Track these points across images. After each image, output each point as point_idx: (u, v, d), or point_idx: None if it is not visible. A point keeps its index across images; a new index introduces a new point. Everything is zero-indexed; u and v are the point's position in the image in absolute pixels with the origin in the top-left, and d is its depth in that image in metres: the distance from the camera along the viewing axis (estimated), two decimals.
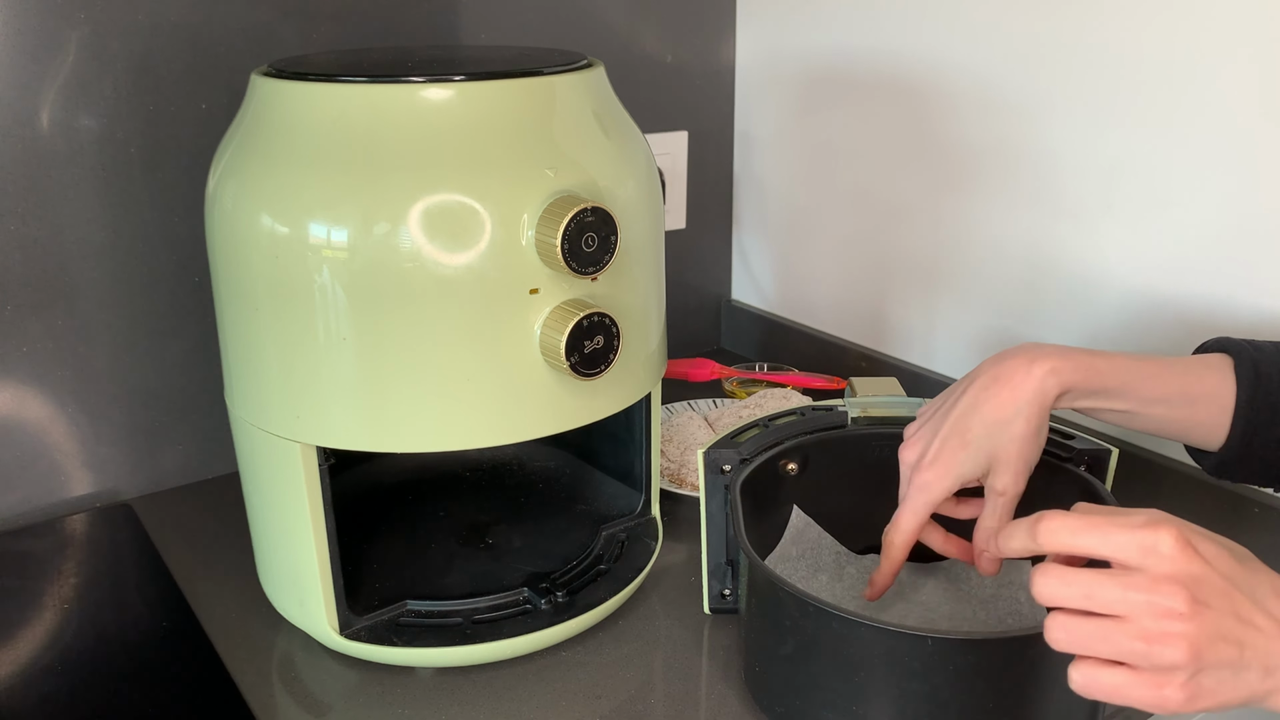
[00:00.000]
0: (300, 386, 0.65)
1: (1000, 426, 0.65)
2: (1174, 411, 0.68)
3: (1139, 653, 0.48)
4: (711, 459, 0.73)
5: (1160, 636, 0.48)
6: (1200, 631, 0.48)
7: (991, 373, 0.67)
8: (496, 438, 0.66)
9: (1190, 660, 0.47)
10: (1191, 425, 0.69)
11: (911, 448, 0.69)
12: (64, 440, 0.90)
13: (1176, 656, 0.47)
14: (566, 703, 0.69)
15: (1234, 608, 0.48)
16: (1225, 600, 0.48)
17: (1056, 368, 0.65)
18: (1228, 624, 0.48)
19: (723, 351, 1.31)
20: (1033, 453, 0.66)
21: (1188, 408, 0.68)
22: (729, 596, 0.76)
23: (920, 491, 0.67)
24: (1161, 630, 0.48)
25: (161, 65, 0.87)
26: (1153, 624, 0.48)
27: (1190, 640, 0.47)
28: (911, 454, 0.69)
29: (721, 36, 1.20)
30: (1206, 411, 0.68)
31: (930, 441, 0.68)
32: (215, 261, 0.69)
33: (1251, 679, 0.49)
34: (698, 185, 1.23)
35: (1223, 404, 0.68)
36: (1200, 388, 0.68)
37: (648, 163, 0.72)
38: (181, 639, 0.76)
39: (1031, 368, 0.65)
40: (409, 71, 0.64)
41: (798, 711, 0.63)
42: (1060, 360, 0.65)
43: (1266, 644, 0.48)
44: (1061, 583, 0.50)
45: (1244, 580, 0.49)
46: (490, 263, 0.62)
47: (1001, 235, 1.00)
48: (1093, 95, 0.90)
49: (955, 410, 0.67)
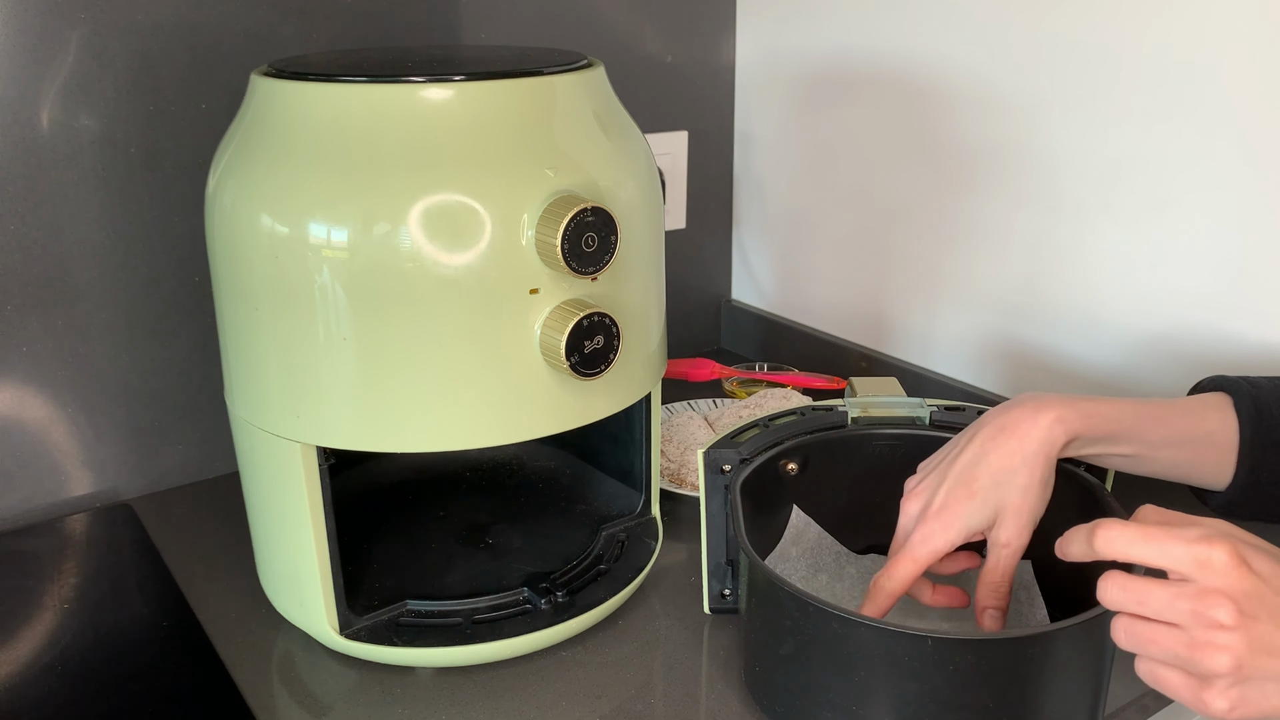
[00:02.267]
0: (300, 386, 0.65)
1: (1007, 476, 0.65)
2: (1180, 453, 0.68)
3: (1184, 659, 0.51)
4: (711, 459, 0.73)
5: (1205, 646, 0.50)
6: (1245, 644, 0.49)
7: (997, 423, 0.66)
8: (496, 438, 0.66)
9: (1232, 670, 0.50)
10: (1197, 466, 0.69)
11: (915, 499, 0.68)
12: (64, 440, 0.90)
13: (1219, 666, 0.50)
14: (566, 703, 0.69)
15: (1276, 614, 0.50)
16: (1275, 615, 0.50)
17: (1062, 416, 0.65)
18: (1275, 638, 0.50)
19: (723, 351, 1.31)
20: (1039, 504, 0.65)
21: (1193, 449, 0.68)
22: (729, 596, 0.76)
23: (923, 543, 0.66)
24: (1207, 640, 0.50)
25: (161, 65, 0.87)
26: (1200, 634, 0.50)
27: (1234, 652, 0.49)
28: (915, 505, 0.68)
29: (721, 36, 1.20)
30: (1211, 451, 0.68)
31: (935, 492, 0.67)
32: (215, 261, 0.69)
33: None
34: (698, 185, 1.23)
35: (1227, 442, 0.68)
36: (1203, 427, 0.68)
37: (648, 163, 0.72)
38: (181, 639, 0.76)
39: (1037, 417, 0.65)
40: (409, 71, 0.64)
41: (798, 711, 0.63)
42: (1065, 409, 0.65)
43: None
44: (1119, 589, 0.53)
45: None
46: (490, 263, 0.62)
47: (1001, 235, 1.00)
48: (1093, 95, 0.90)
49: (960, 461, 0.66)
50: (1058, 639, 0.58)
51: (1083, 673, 0.60)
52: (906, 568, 0.66)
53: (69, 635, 0.76)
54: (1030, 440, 0.65)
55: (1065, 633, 0.57)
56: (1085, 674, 0.60)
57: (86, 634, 0.76)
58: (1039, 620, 0.71)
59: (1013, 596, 0.74)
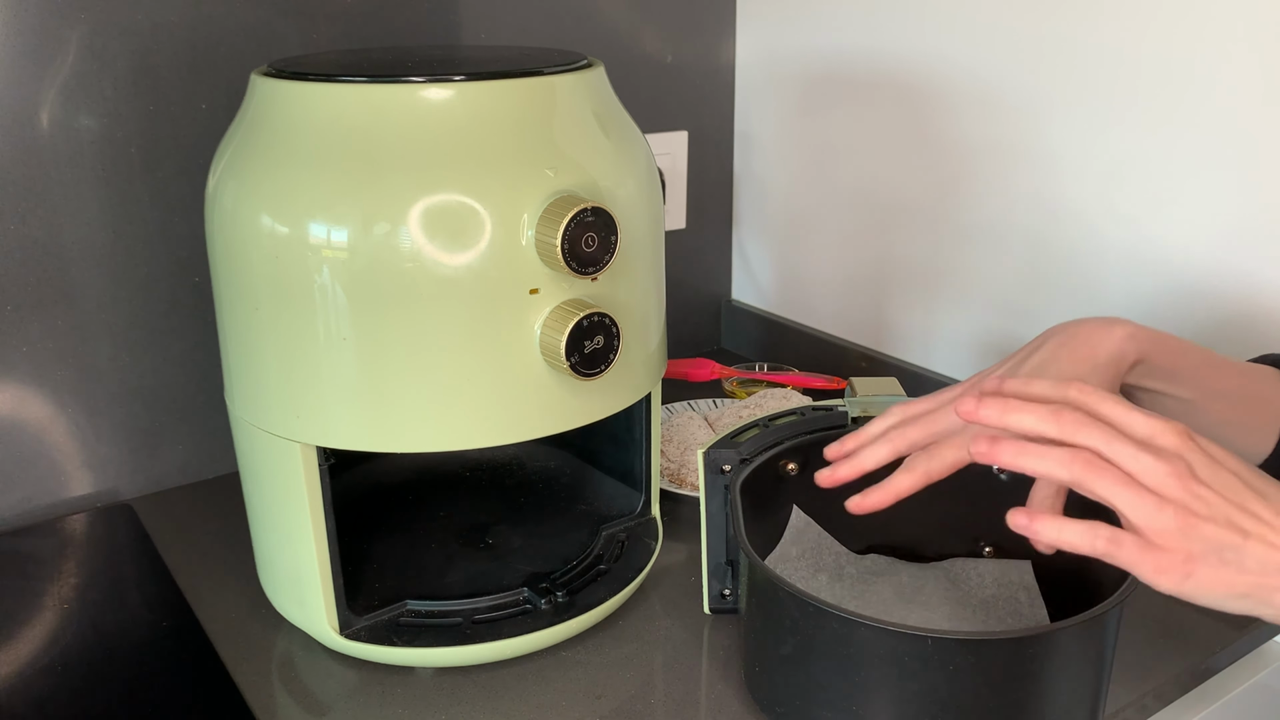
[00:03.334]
0: (300, 386, 0.65)
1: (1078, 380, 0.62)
2: (1231, 410, 0.67)
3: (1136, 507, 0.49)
4: (711, 459, 0.73)
5: (1159, 499, 0.49)
6: (1193, 501, 0.49)
7: (1069, 331, 0.64)
8: (496, 438, 0.66)
9: (1181, 524, 0.49)
10: (1243, 428, 0.68)
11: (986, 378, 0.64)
12: (64, 440, 0.90)
13: (1170, 522, 0.49)
14: (566, 703, 0.69)
15: (1237, 496, 0.50)
16: (1226, 484, 0.50)
17: (1134, 334, 0.63)
18: (1222, 507, 0.49)
19: (723, 351, 1.31)
20: None
21: (1244, 407, 0.67)
22: (729, 596, 0.76)
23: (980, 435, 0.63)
24: (1163, 489, 0.49)
25: (161, 65, 0.87)
26: (1152, 482, 0.49)
27: (1181, 507, 0.49)
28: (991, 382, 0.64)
29: (721, 36, 1.20)
30: (1260, 417, 0.68)
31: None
32: (215, 261, 0.69)
33: (1260, 569, 0.49)
34: (698, 185, 1.23)
35: (1275, 411, 0.67)
36: (1256, 389, 0.68)
37: (648, 163, 0.72)
38: (181, 639, 0.76)
39: (1111, 329, 0.63)
40: (409, 71, 0.64)
41: (798, 711, 0.63)
42: (1138, 329, 0.64)
43: (1276, 539, 0.49)
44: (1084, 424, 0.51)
45: (1254, 478, 0.51)
46: (490, 263, 0.62)
47: (1001, 235, 1.00)
48: (1093, 95, 0.90)
49: (1028, 364, 0.64)
50: (1058, 639, 0.58)
51: (1083, 673, 0.60)
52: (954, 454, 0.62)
53: (69, 635, 0.76)
54: (1102, 350, 0.63)
55: (1065, 633, 0.57)
56: (1085, 674, 0.60)
57: (86, 634, 0.76)
58: (1039, 620, 0.71)
59: (1013, 597, 0.74)
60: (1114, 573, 0.63)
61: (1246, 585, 0.50)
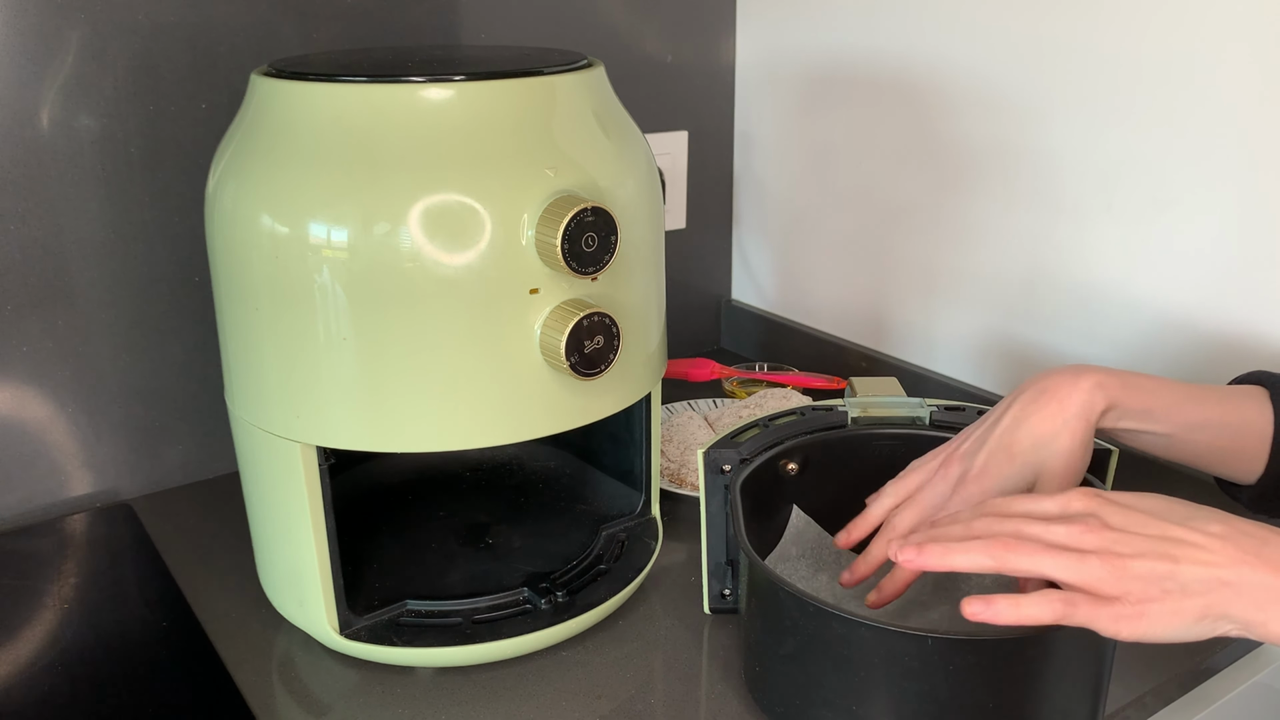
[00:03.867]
0: (300, 386, 0.65)
1: (1049, 439, 0.65)
2: (1215, 439, 0.68)
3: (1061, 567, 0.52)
4: (711, 459, 0.73)
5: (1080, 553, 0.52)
6: (1114, 545, 0.52)
7: (1037, 387, 0.66)
8: (496, 438, 0.66)
9: (1111, 567, 0.51)
10: (1230, 455, 0.69)
11: (955, 463, 0.68)
12: (64, 440, 0.90)
13: (1099, 570, 0.51)
14: (566, 703, 0.69)
15: (1157, 529, 0.52)
16: (1142, 523, 0.53)
17: (1102, 382, 0.65)
18: (1145, 543, 0.52)
19: (723, 351, 1.31)
20: (1079, 467, 0.65)
21: (1229, 436, 0.68)
22: (729, 596, 0.76)
23: (963, 504, 0.66)
24: (1080, 544, 0.53)
25: (161, 65, 0.87)
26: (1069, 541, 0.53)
27: (1104, 553, 0.52)
28: (955, 469, 0.68)
29: (721, 36, 1.20)
30: (1246, 442, 0.68)
31: (974, 457, 0.67)
32: (215, 261, 0.69)
33: (1202, 589, 0.51)
34: (698, 185, 1.23)
35: (1261, 434, 0.68)
36: (1239, 416, 0.68)
37: (648, 163, 0.72)
38: (181, 639, 0.76)
39: (1078, 381, 0.65)
40: (409, 71, 0.64)
41: (798, 711, 0.63)
42: (1105, 376, 0.65)
43: (1207, 557, 0.51)
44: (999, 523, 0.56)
45: (1170, 510, 0.54)
46: (490, 263, 0.62)
47: (1001, 235, 1.00)
48: (1093, 95, 0.90)
49: (1001, 425, 0.66)
50: (1058, 639, 0.58)
51: (1083, 673, 0.60)
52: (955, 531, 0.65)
53: (69, 635, 0.76)
54: (1070, 403, 0.65)
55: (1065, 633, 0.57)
56: (1085, 674, 0.60)
57: (86, 634, 0.76)
58: None
59: None
60: None
61: (1197, 608, 0.51)
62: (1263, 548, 0.51)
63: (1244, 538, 0.52)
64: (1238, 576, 0.51)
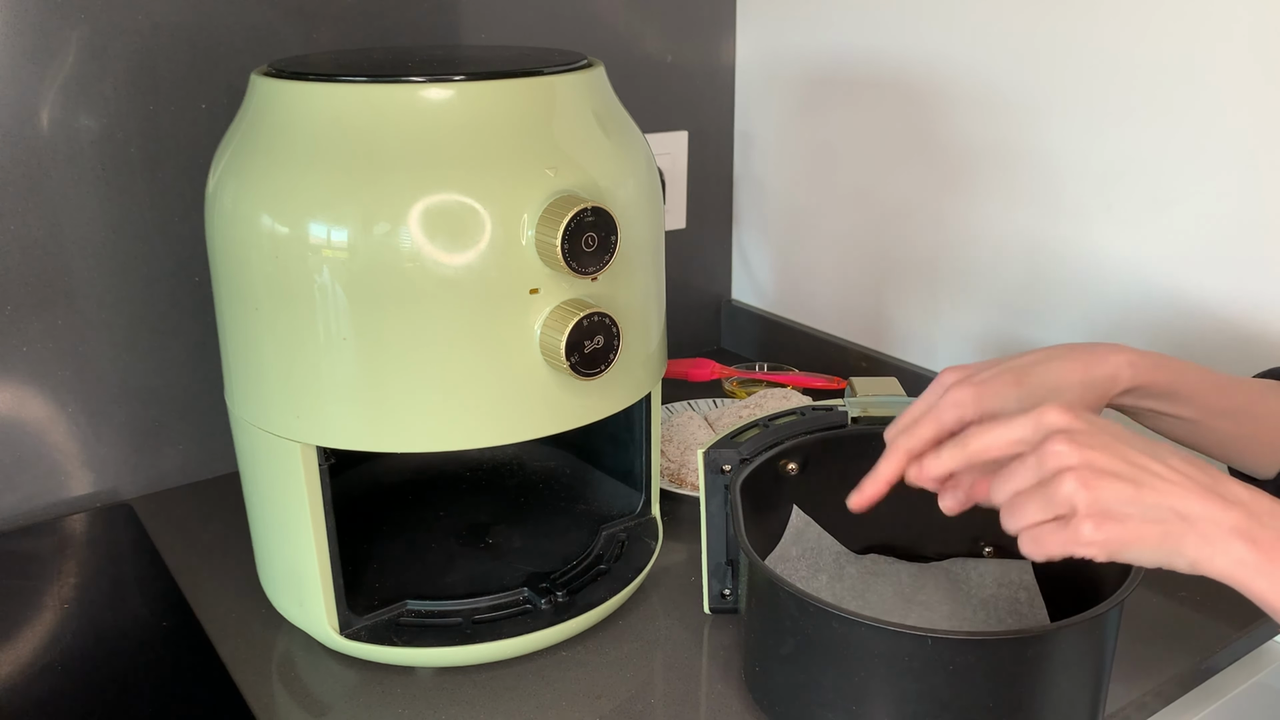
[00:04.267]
0: (300, 386, 0.65)
1: (1058, 389, 0.63)
2: (1237, 428, 0.68)
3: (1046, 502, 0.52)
4: (711, 459, 0.73)
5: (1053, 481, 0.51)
6: (1086, 463, 0.51)
7: (1071, 345, 0.66)
8: (496, 438, 0.66)
9: (1081, 485, 0.51)
10: (1250, 446, 0.68)
11: (960, 369, 0.65)
12: (64, 440, 0.90)
13: (1068, 491, 0.51)
14: (566, 703, 0.69)
15: (1124, 454, 0.52)
16: (1114, 445, 0.52)
17: (1134, 361, 0.64)
18: (1116, 464, 0.52)
19: (723, 351, 1.31)
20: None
21: (1251, 425, 0.68)
22: (729, 596, 0.76)
23: (953, 407, 0.63)
24: (1055, 470, 0.52)
25: (161, 65, 0.87)
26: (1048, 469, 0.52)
27: (1077, 472, 0.51)
28: (957, 373, 0.64)
29: (721, 36, 1.20)
30: (1267, 433, 0.68)
31: (983, 370, 0.64)
32: (215, 261, 0.69)
33: (1160, 517, 0.51)
34: (698, 185, 1.23)
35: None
36: (1265, 407, 0.68)
37: (648, 163, 0.72)
38: (181, 639, 0.76)
39: (1111, 353, 0.65)
40: (409, 71, 0.64)
41: (798, 711, 0.63)
42: (1139, 356, 0.65)
43: (1169, 488, 0.51)
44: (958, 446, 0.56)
45: (1140, 442, 0.53)
46: (490, 263, 0.62)
47: (1001, 235, 1.00)
48: (1092, 95, 0.90)
49: (1022, 360, 0.65)
50: (1058, 639, 0.58)
51: (1083, 673, 0.60)
52: (928, 429, 0.63)
53: (69, 635, 0.76)
54: (1096, 368, 0.64)
55: (1065, 633, 0.57)
56: (1085, 674, 0.60)
57: (86, 634, 0.76)
58: (1039, 620, 0.71)
59: (1013, 597, 0.74)
60: (1114, 573, 0.63)
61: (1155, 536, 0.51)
62: (1216, 484, 0.52)
63: (1200, 473, 0.52)
64: (1191, 509, 0.51)
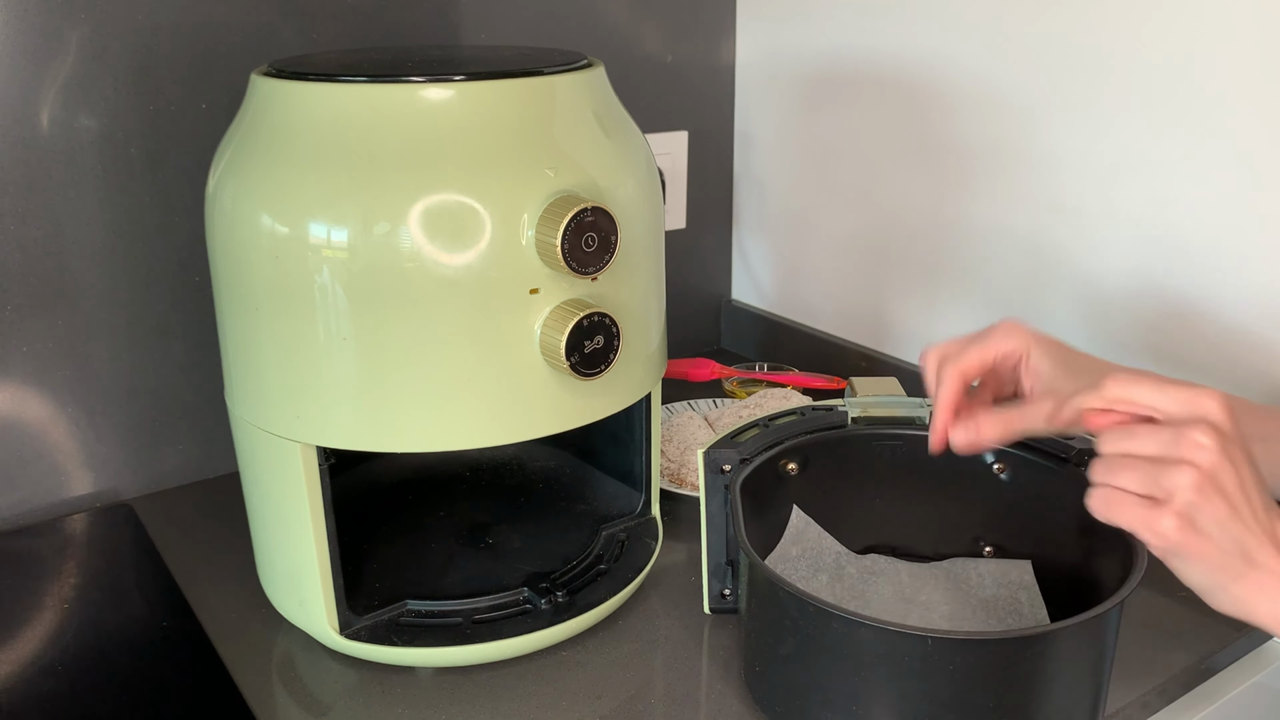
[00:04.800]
0: (300, 386, 0.65)
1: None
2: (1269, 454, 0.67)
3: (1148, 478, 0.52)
4: (711, 459, 0.73)
5: (1176, 462, 0.51)
6: (1213, 469, 0.51)
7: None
8: (496, 438, 0.66)
9: (1193, 487, 0.51)
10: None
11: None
12: (64, 440, 0.90)
13: (1181, 480, 0.51)
14: (567, 703, 0.69)
15: (1244, 478, 0.52)
16: (1242, 466, 0.52)
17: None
18: (1233, 484, 0.51)
19: (723, 351, 1.31)
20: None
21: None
22: (729, 596, 0.76)
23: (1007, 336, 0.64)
24: (1180, 455, 0.51)
25: (161, 65, 0.87)
26: (1175, 451, 0.51)
27: (1201, 471, 0.51)
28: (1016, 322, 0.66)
29: (721, 36, 1.20)
30: None
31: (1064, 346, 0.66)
32: (215, 261, 0.69)
33: (1231, 550, 0.51)
34: (698, 185, 1.23)
35: None
36: None
37: (648, 163, 0.72)
38: (181, 639, 0.76)
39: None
40: (409, 71, 0.64)
41: (798, 711, 0.63)
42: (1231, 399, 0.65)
43: (1254, 529, 0.52)
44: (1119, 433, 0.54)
45: (1256, 473, 0.53)
46: (490, 263, 0.62)
47: (1001, 235, 1.00)
48: (1092, 95, 0.90)
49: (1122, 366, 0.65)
50: (1058, 639, 0.58)
51: (1083, 673, 0.60)
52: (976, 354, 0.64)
53: (69, 635, 0.76)
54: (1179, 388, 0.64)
55: (1065, 633, 0.57)
56: (1085, 674, 0.60)
57: (86, 634, 0.76)
58: (1039, 620, 0.71)
59: (1013, 597, 0.74)
60: (1114, 572, 0.63)
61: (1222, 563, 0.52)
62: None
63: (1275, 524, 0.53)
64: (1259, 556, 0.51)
